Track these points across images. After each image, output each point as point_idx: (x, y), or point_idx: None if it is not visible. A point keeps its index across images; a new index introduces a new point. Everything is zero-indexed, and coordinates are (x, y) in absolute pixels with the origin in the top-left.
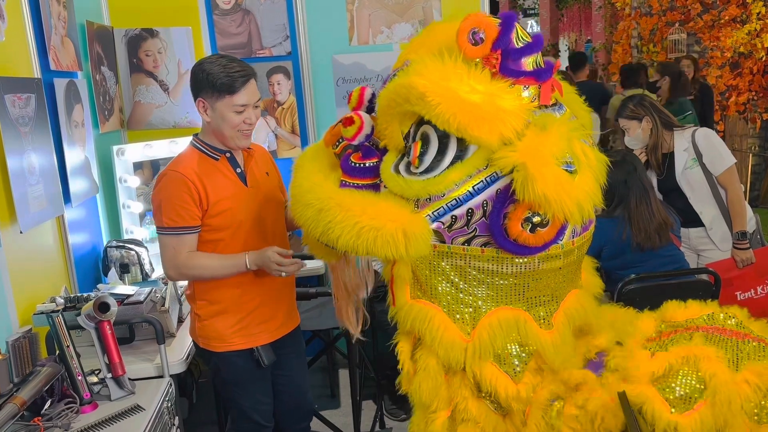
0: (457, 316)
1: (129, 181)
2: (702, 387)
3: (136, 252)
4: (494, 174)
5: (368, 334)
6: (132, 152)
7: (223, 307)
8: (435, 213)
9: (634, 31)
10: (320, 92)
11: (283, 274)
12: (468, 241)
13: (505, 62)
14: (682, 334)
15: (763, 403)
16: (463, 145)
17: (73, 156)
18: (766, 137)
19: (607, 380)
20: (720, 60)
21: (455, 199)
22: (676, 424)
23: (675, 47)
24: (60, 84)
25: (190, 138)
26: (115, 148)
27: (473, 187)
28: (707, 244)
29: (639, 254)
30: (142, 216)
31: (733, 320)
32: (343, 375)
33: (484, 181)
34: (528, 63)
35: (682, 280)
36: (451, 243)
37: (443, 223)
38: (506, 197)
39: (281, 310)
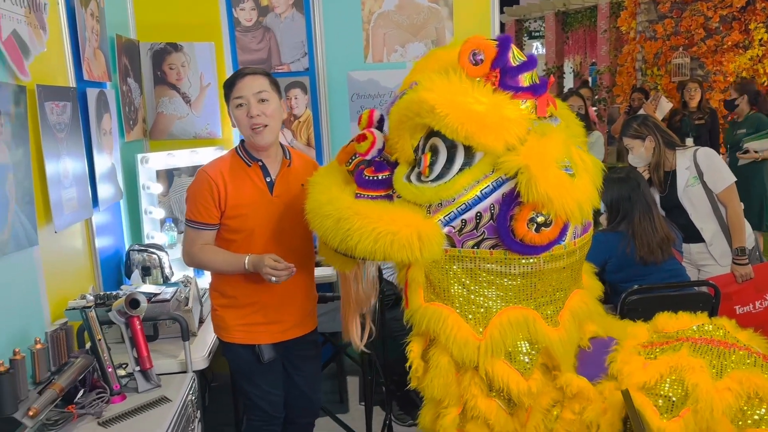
0: (470, 316)
1: (152, 188)
2: (686, 395)
3: (158, 255)
4: (500, 178)
5: (377, 342)
6: (155, 160)
7: (230, 301)
8: (446, 217)
9: (638, 55)
10: (335, 107)
11: (273, 279)
12: (477, 244)
13: (504, 79)
14: (672, 345)
15: (744, 408)
16: (470, 154)
17: (102, 162)
18: None
19: (603, 388)
20: (723, 84)
21: (464, 203)
22: (665, 429)
23: (679, 71)
24: (92, 93)
25: (212, 147)
26: (139, 156)
27: (481, 191)
28: (708, 260)
29: (642, 268)
30: (162, 222)
31: (720, 331)
32: (351, 381)
33: (491, 185)
34: (524, 79)
35: (683, 293)
36: (462, 247)
37: (454, 228)
38: (512, 200)
39: (290, 314)
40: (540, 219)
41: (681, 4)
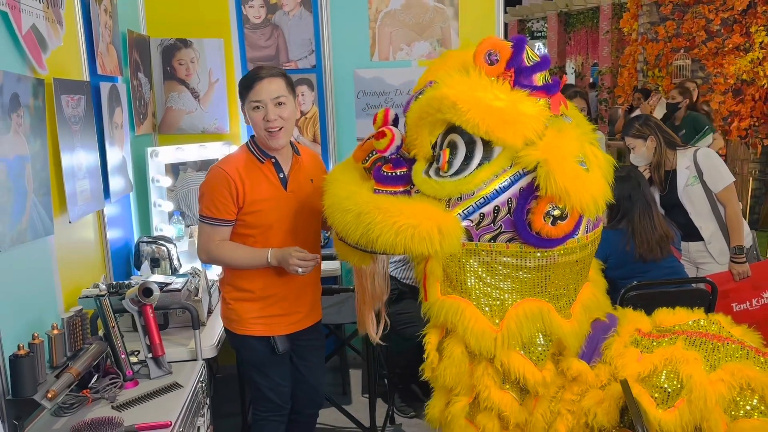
0: (486, 308)
1: (161, 181)
2: (681, 386)
3: (167, 247)
4: (518, 172)
5: (384, 337)
6: (165, 154)
7: (246, 294)
8: (465, 211)
9: (640, 56)
10: (342, 104)
11: (300, 270)
12: (494, 238)
13: (519, 78)
14: (669, 338)
15: (737, 399)
16: (488, 149)
17: (113, 155)
18: (767, 162)
19: (599, 371)
20: (723, 86)
21: (483, 197)
22: (661, 419)
23: (680, 73)
24: (105, 87)
25: (219, 142)
26: (149, 149)
27: (499, 185)
28: (706, 258)
29: (641, 265)
30: (170, 214)
31: (715, 326)
32: (354, 374)
33: (509, 179)
34: (538, 79)
35: (681, 289)
36: (479, 240)
37: (472, 221)
38: (529, 194)
39: (303, 305)
40: (556, 212)
41: (683, 6)
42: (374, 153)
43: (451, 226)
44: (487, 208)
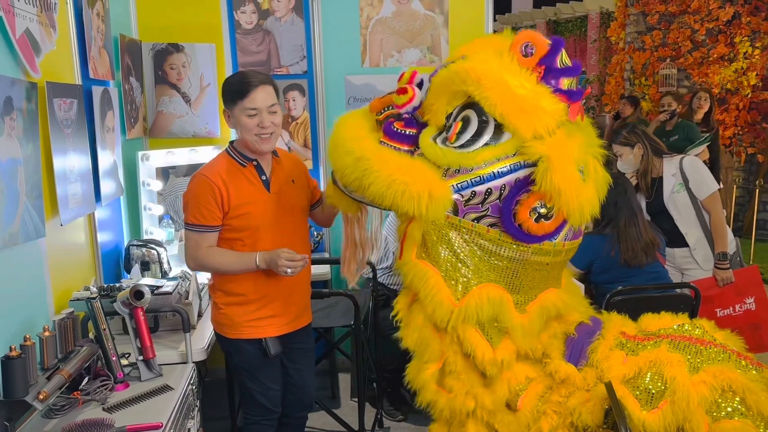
0: (452, 281)
1: (152, 184)
2: (664, 388)
3: (157, 251)
4: (519, 163)
5: (370, 340)
6: (156, 158)
7: (238, 299)
8: (459, 185)
9: (627, 65)
10: (332, 109)
11: (289, 271)
12: (477, 219)
13: (547, 77)
14: (653, 341)
15: (719, 400)
16: (498, 133)
17: (105, 158)
18: (751, 170)
19: (586, 374)
20: None
21: (480, 176)
22: (645, 420)
23: (666, 82)
24: (96, 91)
25: (210, 147)
26: (140, 153)
27: (498, 169)
28: (691, 264)
29: (626, 270)
30: (161, 218)
31: (699, 330)
32: (343, 378)
33: (509, 167)
34: (564, 83)
35: (665, 294)
36: (463, 217)
37: (462, 197)
38: (523, 185)
39: (293, 307)
40: (543, 210)
41: (669, 16)
42: (390, 107)
43: (442, 193)
44: (480, 188)
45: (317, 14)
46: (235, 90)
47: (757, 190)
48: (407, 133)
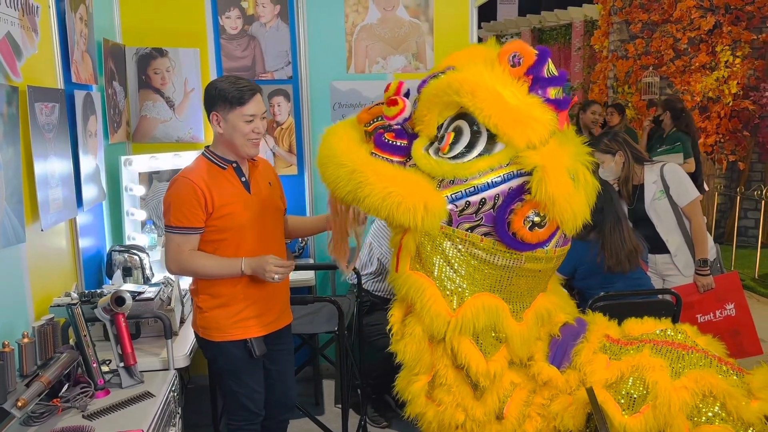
0: (447, 292)
1: (134, 189)
2: (646, 392)
3: (139, 257)
4: (512, 172)
5: (355, 346)
6: (139, 163)
7: (222, 301)
8: (453, 195)
9: (610, 73)
10: (317, 115)
11: (276, 277)
12: (472, 228)
13: (534, 87)
14: (636, 346)
15: (700, 405)
16: (491, 143)
17: (87, 163)
18: (732, 177)
19: (568, 376)
20: (690, 103)
21: (474, 186)
22: (626, 424)
23: (648, 89)
24: (79, 95)
25: (194, 151)
26: (123, 158)
27: (492, 179)
28: (672, 270)
29: (609, 276)
30: (143, 224)
31: (681, 335)
32: (327, 384)
33: (503, 176)
34: (551, 92)
35: (647, 300)
36: (457, 227)
37: (456, 207)
38: (517, 195)
39: (275, 306)
40: (536, 218)
41: (652, 25)
42: (380, 118)
43: (438, 205)
44: (474, 198)
45: (302, 20)
46: (235, 97)
47: (739, 197)
48: (398, 144)
